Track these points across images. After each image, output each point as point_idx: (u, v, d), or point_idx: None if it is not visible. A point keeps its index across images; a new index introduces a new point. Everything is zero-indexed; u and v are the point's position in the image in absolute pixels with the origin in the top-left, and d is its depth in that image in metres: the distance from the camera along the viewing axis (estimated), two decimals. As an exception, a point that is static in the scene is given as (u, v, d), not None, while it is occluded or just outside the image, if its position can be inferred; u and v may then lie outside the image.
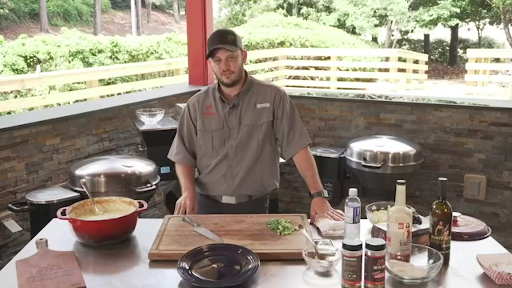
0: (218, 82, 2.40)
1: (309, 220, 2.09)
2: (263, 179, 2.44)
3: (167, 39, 11.69)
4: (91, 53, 10.43)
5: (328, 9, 19.75)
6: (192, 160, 2.50)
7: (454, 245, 1.77)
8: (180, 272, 1.63)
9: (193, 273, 1.64)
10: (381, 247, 1.54)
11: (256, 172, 2.41)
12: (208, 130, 2.41)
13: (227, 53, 2.27)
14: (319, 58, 12.08)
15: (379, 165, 3.45)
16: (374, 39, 21.31)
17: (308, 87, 11.14)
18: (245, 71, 2.42)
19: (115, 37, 11.27)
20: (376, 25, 19.00)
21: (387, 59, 12.17)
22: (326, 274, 1.67)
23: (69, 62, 10.00)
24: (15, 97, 8.50)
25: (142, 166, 3.01)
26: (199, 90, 2.53)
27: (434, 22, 18.29)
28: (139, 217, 2.01)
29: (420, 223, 1.89)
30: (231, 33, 2.33)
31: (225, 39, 2.29)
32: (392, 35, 20.23)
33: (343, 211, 1.90)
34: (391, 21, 19.07)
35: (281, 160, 2.62)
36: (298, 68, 12.05)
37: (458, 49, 20.94)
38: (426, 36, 21.56)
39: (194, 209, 2.37)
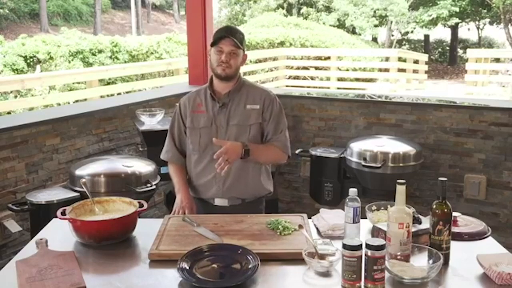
0: (211, 77, 2.41)
1: (309, 220, 2.09)
2: (255, 183, 2.43)
3: (167, 39, 11.67)
4: (91, 53, 10.41)
5: (328, 9, 19.73)
6: (183, 159, 2.50)
7: (454, 245, 1.78)
8: (180, 272, 1.63)
9: (193, 273, 1.64)
10: (381, 247, 1.54)
11: (247, 175, 2.40)
12: (196, 127, 2.41)
13: (231, 47, 2.29)
14: (319, 58, 12.08)
15: (379, 165, 3.45)
16: (374, 39, 21.29)
17: (308, 87, 11.13)
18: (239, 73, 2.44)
19: (115, 37, 11.25)
20: (376, 25, 18.99)
21: (387, 59, 12.16)
22: (326, 274, 1.67)
23: (69, 62, 9.98)
24: (15, 97, 8.49)
25: (142, 166, 3.00)
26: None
27: (434, 22, 18.27)
28: (139, 217, 2.02)
29: (420, 223, 1.89)
30: (241, 33, 2.36)
31: (235, 34, 2.31)
32: (392, 35, 20.22)
33: (343, 211, 1.90)
34: (391, 22, 19.06)
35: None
36: (298, 68, 12.04)
37: (458, 49, 20.93)
38: (426, 36, 21.55)
39: (193, 208, 2.37)
